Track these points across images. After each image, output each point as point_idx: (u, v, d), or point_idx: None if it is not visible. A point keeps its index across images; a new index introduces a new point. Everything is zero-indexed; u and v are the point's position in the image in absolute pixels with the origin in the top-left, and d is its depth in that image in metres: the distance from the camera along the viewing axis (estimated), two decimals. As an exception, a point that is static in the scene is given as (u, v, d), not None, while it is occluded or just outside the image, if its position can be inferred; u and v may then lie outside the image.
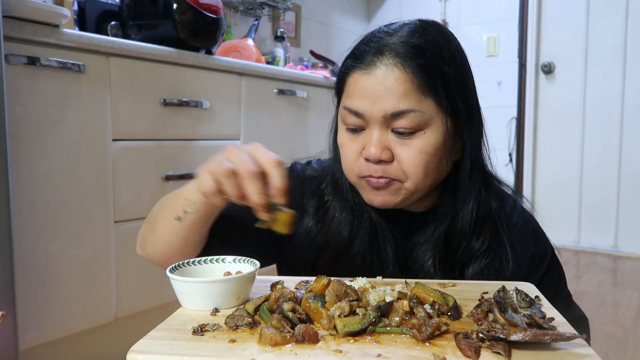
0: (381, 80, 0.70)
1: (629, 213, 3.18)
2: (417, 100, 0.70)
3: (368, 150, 0.72)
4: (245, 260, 0.67)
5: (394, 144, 0.72)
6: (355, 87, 0.73)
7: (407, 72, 0.70)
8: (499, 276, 0.78)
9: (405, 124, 0.71)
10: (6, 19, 1.27)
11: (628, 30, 3.12)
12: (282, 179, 0.62)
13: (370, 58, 0.72)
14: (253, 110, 2.09)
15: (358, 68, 0.73)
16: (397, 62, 0.70)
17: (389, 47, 0.72)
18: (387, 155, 0.72)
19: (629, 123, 3.15)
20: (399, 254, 0.81)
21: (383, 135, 0.72)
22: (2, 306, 1.20)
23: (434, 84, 0.71)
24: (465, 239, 0.78)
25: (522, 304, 0.54)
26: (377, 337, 0.51)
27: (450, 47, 0.75)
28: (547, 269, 0.82)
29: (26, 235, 1.37)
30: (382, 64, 0.71)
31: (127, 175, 1.62)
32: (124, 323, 1.65)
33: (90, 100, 1.51)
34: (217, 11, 1.88)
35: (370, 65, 0.72)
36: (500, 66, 3.49)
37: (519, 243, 0.80)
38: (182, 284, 0.60)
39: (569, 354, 0.47)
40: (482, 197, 0.79)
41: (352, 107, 0.73)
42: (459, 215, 0.78)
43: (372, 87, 0.71)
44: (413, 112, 0.70)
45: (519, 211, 0.84)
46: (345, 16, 3.78)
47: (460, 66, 0.75)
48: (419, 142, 0.72)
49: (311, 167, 0.91)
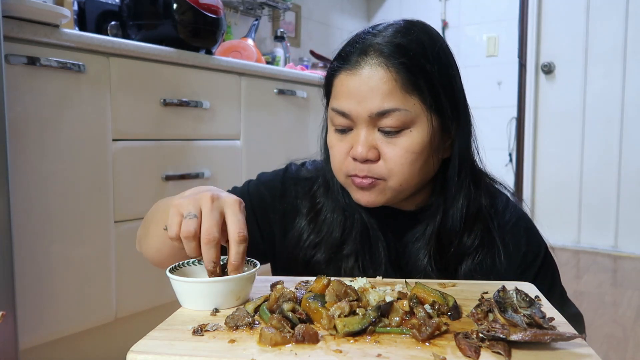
0: (366, 80, 0.71)
1: (629, 213, 3.18)
2: (401, 99, 0.71)
3: (355, 150, 0.73)
4: (245, 260, 0.67)
5: (381, 142, 0.73)
6: (341, 88, 0.74)
7: (391, 72, 0.71)
8: (491, 273, 0.78)
9: (391, 123, 0.71)
10: (6, 19, 1.27)
11: (628, 30, 3.12)
12: (240, 258, 0.62)
13: (355, 59, 0.73)
14: (253, 110, 2.09)
15: (344, 69, 0.74)
16: (380, 61, 0.71)
17: (373, 47, 0.72)
18: (373, 154, 0.73)
19: (629, 123, 3.15)
20: (392, 253, 0.82)
21: (370, 134, 0.73)
22: (2, 306, 1.20)
23: (418, 82, 0.72)
24: (456, 237, 0.78)
25: (522, 304, 0.54)
26: (377, 337, 0.51)
27: (435, 46, 0.75)
28: (541, 266, 0.82)
29: (26, 235, 1.37)
30: (366, 64, 0.72)
31: (127, 175, 1.62)
32: (124, 323, 1.65)
33: (90, 100, 1.51)
34: (217, 11, 1.88)
35: (355, 65, 0.73)
36: (500, 66, 3.49)
37: (511, 241, 0.81)
38: (182, 284, 0.60)
39: (569, 353, 0.47)
40: (472, 194, 0.79)
41: (339, 108, 0.74)
42: (449, 212, 0.78)
43: (357, 87, 0.72)
44: (398, 110, 0.71)
45: (511, 209, 0.84)
46: (345, 16, 3.78)
47: (445, 65, 0.75)
48: (405, 140, 0.72)
49: (305, 168, 0.91)
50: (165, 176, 1.73)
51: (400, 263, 0.82)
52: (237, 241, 0.61)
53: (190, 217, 0.61)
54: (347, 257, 0.81)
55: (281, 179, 0.90)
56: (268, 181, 0.90)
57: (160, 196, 1.70)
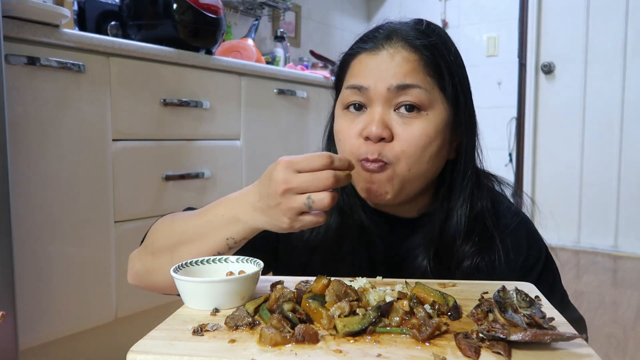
0: (388, 59, 0.72)
1: (629, 213, 3.18)
2: (422, 78, 0.72)
3: (369, 128, 0.71)
4: (248, 260, 0.67)
5: (395, 123, 0.72)
6: (359, 67, 0.75)
7: (415, 53, 0.72)
8: (491, 277, 0.77)
9: (410, 99, 0.71)
10: (6, 19, 1.27)
11: (628, 30, 3.12)
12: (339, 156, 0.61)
13: (379, 42, 0.74)
14: (253, 110, 2.09)
15: (364, 51, 0.75)
16: (404, 44, 0.73)
17: (396, 32, 0.74)
18: (387, 133, 0.71)
19: (629, 123, 3.15)
20: (389, 258, 0.81)
21: (385, 113, 0.73)
22: (2, 306, 1.20)
23: (440, 67, 0.73)
24: (458, 240, 0.78)
25: (522, 304, 0.54)
26: (377, 337, 0.51)
27: (453, 45, 0.78)
28: (542, 269, 0.82)
29: (26, 235, 1.37)
30: (389, 47, 0.73)
31: (127, 175, 1.62)
32: (124, 323, 1.65)
33: (90, 100, 1.51)
34: (217, 11, 1.88)
35: (378, 47, 0.74)
36: (500, 66, 3.49)
37: (512, 244, 0.80)
38: (186, 283, 0.60)
39: (569, 354, 0.47)
40: (475, 197, 0.79)
41: (357, 83, 0.74)
42: (453, 217, 0.78)
43: (378, 64, 0.73)
44: (418, 88, 0.71)
45: (512, 212, 0.84)
46: (345, 16, 3.78)
47: (461, 64, 0.78)
48: (421, 122, 0.72)
49: None
50: (165, 176, 1.72)
51: (399, 267, 0.81)
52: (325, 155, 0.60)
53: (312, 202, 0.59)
54: (343, 259, 0.80)
55: None
56: None
57: (161, 196, 1.71)
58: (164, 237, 0.74)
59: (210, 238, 0.68)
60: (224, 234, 0.67)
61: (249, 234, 0.67)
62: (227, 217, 0.67)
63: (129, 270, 0.79)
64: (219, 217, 0.68)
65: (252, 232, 0.67)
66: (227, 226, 0.67)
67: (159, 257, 0.73)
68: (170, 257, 0.71)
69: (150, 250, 0.75)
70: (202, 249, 0.69)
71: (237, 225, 0.66)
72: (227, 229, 0.67)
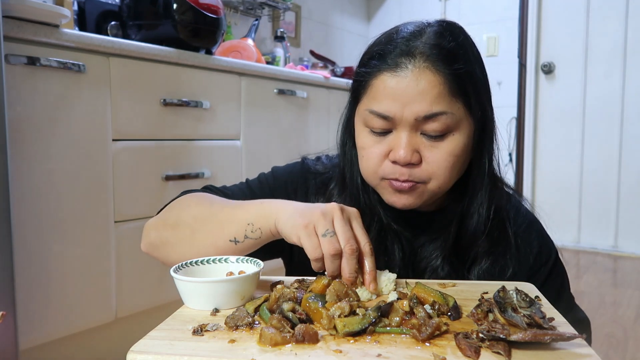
0: (413, 83, 0.69)
1: (629, 213, 3.18)
2: (448, 102, 0.70)
3: (397, 153, 0.71)
4: (248, 260, 0.67)
5: (423, 146, 0.72)
6: (383, 90, 0.71)
7: (440, 75, 0.69)
8: (503, 276, 0.78)
9: (437, 127, 0.70)
10: (6, 19, 1.27)
11: (628, 30, 3.12)
12: (375, 268, 0.63)
13: (400, 60, 0.70)
14: (253, 110, 2.09)
15: (386, 70, 0.71)
16: (428, 65, 0.69)
17: (418, 49, 0.70)
18: (416, 158, 0.71)
19: (629, 123, 3.15)
20: (407, 254, 0.82)
21: (412, 137, 0.71)
22: (2, 306, 1.20)
23: (465, 86, 0.71)
24: (478, 239, 0.78)
25: (522, 304, 0.54)
26: (377, 337, 0.51)
27: (474, 48, 0.75)
28: (551, 270, 0.82)
29: (26, 235, 1.37)
30: (413, 67, 0.69)
31: (127, 175, 1.62)
32: (124, 323, 1.65)
33: (90, 100, 1.51)
34: (217, 11, 1.88)
35: (400, 66, 0.70)
36: (500, 66, 3.49)
37: (523, 244, 0.81)
38: (186, 283, 0.60)
39: (569, 354, 0.47)
40: (495, 197, 0.79)
41: (381, 111, 0.71)
42: (473, 215, 0.78)
43: (403, 89, 0.69)
44: (445, 114, 0.70)
45: (523, 213, 0.85)
46: (345, 16, 3.78)
47: (482, 67, 0.76)
48: (448, 144, 0.72)
49: (321, 163, 0.90)
50: (165, 176, 1.72)
51: (414, 264, 0.82)
52: (369, 253, 0.63)
53: (330, 235, 0.61)
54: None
55: (301, 173, 0.88)
56: (288, 173, 0.89)
57: (161, 196, 1.71)
58: (187, 213, 0.76)
59: (222, 225, 0.71)
60: (246, 219, 0.69)
61: (266, 231, 0.68)
62: (264, 205, 0.70)
63: (143, 239, 0.80)
64: (256, 204, 0.71)
65: (270, 231, 0.68)
66: (257, 213, 0.69)
67: (178, 231, 0.75)
68: (191, 234, 0.73)
69: (171, 223, 0.77)
70: (217, 235, 0.71)
71: (265, 217, 0.68)
72: (254, 215, 0.69)
